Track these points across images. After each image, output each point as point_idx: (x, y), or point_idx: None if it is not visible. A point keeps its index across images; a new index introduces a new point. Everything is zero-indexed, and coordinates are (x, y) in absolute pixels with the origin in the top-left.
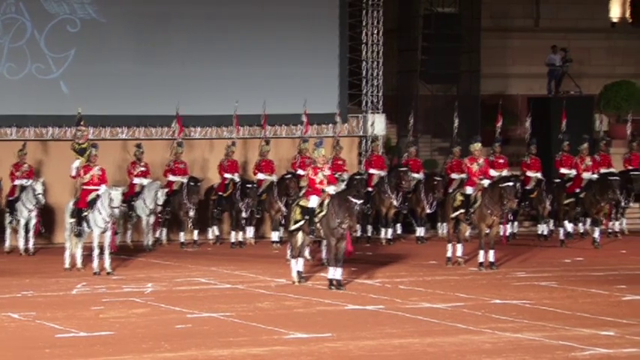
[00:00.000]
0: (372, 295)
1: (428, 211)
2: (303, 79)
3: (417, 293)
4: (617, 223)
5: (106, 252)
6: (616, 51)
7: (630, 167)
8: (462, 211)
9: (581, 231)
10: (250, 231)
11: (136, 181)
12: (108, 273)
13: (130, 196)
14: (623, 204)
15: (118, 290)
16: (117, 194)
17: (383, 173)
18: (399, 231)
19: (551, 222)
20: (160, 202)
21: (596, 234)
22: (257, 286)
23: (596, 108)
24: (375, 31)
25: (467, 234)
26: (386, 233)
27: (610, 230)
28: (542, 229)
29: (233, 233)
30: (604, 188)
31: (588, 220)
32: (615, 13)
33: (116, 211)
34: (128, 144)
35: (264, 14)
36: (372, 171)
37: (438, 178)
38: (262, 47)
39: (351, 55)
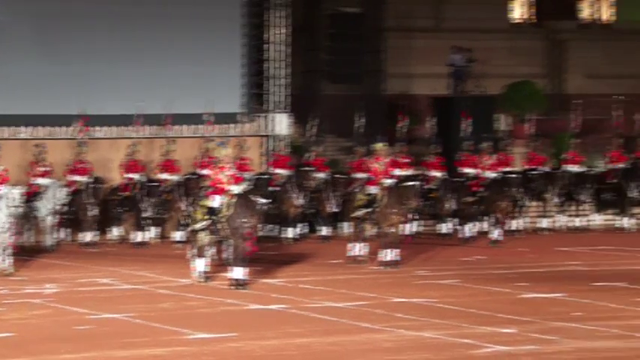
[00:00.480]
0: (275, 294)
1: (332, 210)
2: (207, 79)
3: (320, 292)
4: (517, 221)
5: (7, 252)
6: (518, 51)
7: (530, 166)
8: (365, 210)
9: (483, 229)
10: (153, 231)
11: (37, 181)
12: (8, 274)
13: (31, 195)
14: (522, 203)
15: (19, 291)
16: (17, 194)
17: (288, 173)
18: (303, 230)
19: (454, 221)
20: (61, 202)
21: (497, 232)
22: (159, 287)
23: (498, 108)
24: (281, 31)
25: (370, 233)
26: (290, 232)
27: (510, 229)
28: (444, 227)
29: (136, 233)
30: (504, 187)
31: (489, 219)
32: (517, 13)
33: (17, 210)
34: (29, 143)
35: (168, 14)
36: (276, 170)
37: (342, 178)
38: (166, 47)
39: (257, 55)
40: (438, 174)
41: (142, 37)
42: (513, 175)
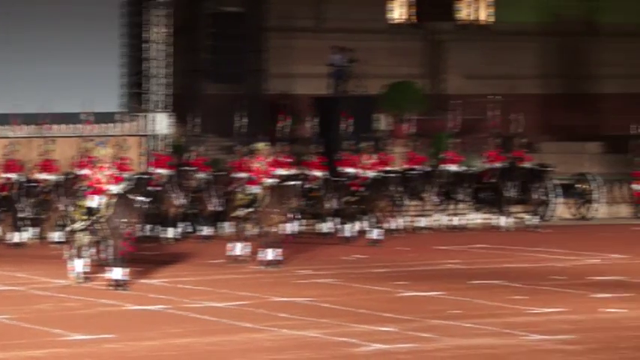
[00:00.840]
0: (155, 295)
1: (213, 210)
2: (86, 78)
3: (201, 292)
4: (397, 220)
5: None
6: (398, 51)
7: (410, 166)
8: (246, 209)
9: (364, 229)
10: (31, 231)
11: None
12: None
13: None
14: (402, 202)
15: None
16: None
17: (168, 172)
18: (184, 230)
19: (334, 220)
20: None
21: (376, 232)
22: (36, 288)
23: (378, 108)
24: (162, 30)
25: (251, 233)
26: (171, 232)
27: (390, 228)
28: (325, 227)
29: (13, 234)
30: (384, 186)
31: (369, 218)
32: (397, 14)
33: None
34: None
35: (46, 12)
36: (157, 170)
37: (224, 177)
38: (44, 45)
39: (137, 54)
40: (319, 173)
41: (19, 35)
42: (393, 175)
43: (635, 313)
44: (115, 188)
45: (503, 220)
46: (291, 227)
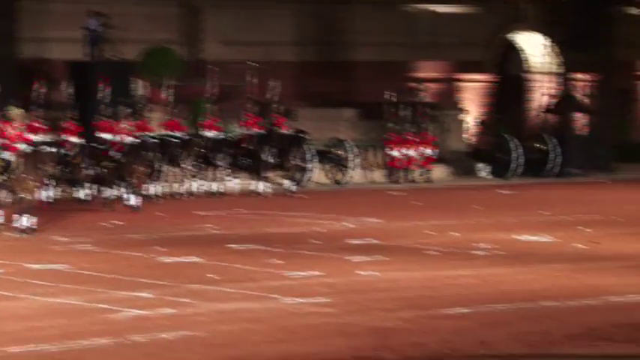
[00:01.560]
0: None
1: None
2: None
3: None
4: (155, 186)
5: None
6: (154, 17)
7: (168, 132)
8: (0, 176)
9: (122, 195)
10: None
11: None
12: None
13: None
14: (160, 168)
15: None
16: None
17: None
18: None
19: (92, 186)
20: None
21: (134, 198)
22: None
23: (135, 73)
24: None
25: (5, 199)
26: None
27: (148, 193)
28: (82, 193)
29: None
30: (142, 152)
31: (127, 184)
32: None
33: None
34: None
35: None
36: None
37: None
38: None
39: None
40: (75, 139)
41: None
42: (151, 141)
43: (387, 275)
44: None
45: (261, 186)
46: (46, 194)
